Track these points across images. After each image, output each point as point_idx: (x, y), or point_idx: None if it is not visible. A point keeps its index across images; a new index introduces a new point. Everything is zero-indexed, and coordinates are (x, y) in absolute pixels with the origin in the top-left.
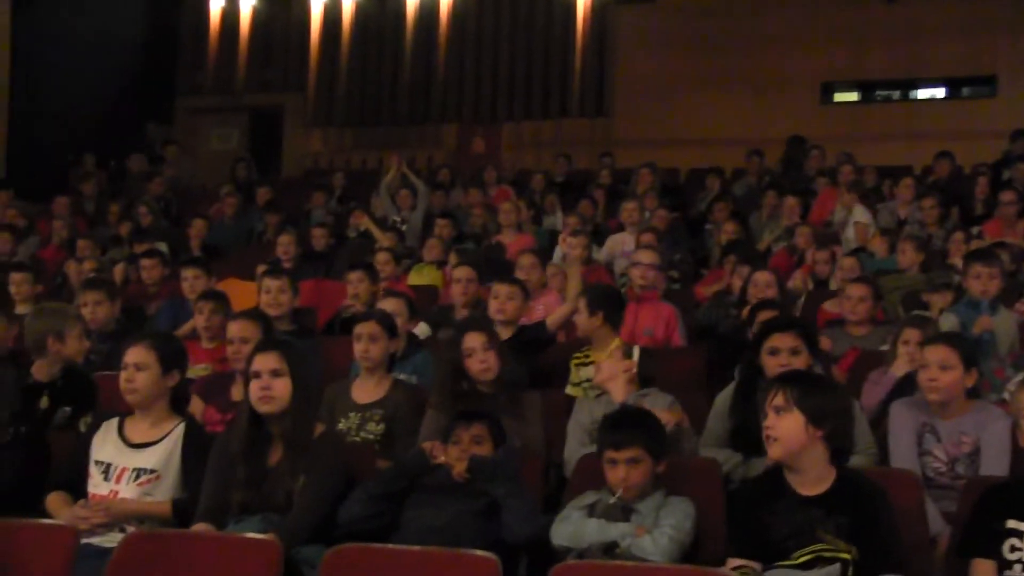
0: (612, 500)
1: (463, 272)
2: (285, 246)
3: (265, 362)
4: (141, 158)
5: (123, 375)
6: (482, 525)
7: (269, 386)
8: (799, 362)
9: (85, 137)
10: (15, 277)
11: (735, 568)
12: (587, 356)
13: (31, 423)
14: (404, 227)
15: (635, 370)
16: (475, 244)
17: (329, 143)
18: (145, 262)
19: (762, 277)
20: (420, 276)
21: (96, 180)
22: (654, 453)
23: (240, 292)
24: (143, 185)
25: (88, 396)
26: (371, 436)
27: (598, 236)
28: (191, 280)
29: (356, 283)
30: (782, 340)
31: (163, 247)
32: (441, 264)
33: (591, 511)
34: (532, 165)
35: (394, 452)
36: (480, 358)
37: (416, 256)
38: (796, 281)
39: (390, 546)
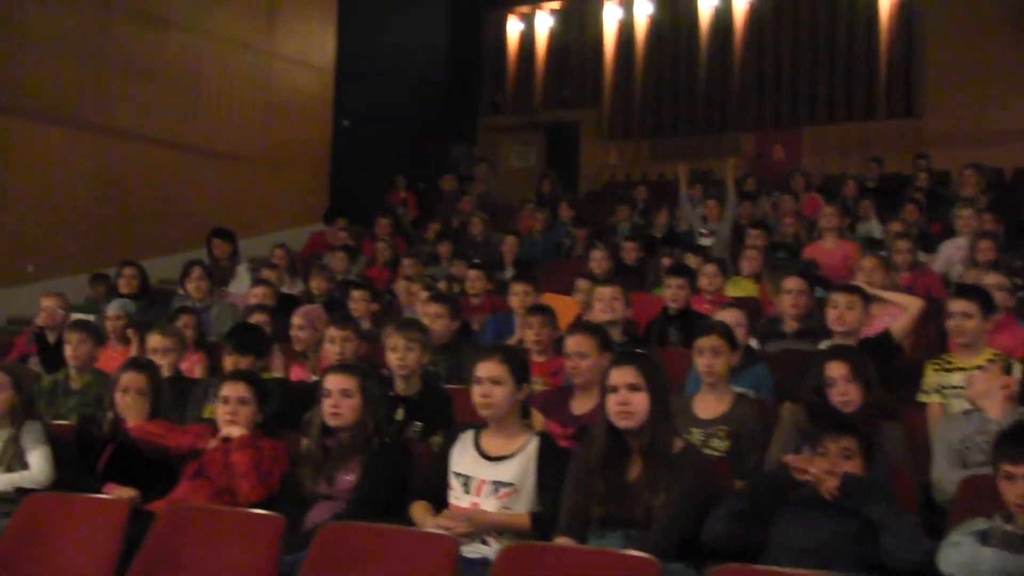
0: (1010, 527)
1: (794, 283)
2: (598, 260)
3: (622, 376)
4: (452, 178)
5: (478, 390)
6: (859, 548)
7: (627, 401)
8: None
9: (397, 160)
10: (355, 294)
11: None
12: (949, 363)
13: (394, 434)
14: (711, 239)
15: (1016, 388)
16: (787, 254)
17: (625, 156)
18: (472, 273)
19: None
20: (736, 288)
21: (410, 201)
22: None
23: (559, 306)
24: (454, 204)
25: (444, 411)
26: (716, 453)
27: (923, 241)
28: (521, 295)
29: (676, 289)
30: None
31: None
32: (758, 276)
33: (983, 539)
34: (836, 170)
35: (743, 469)
36: (841, 389)
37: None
38: None
39: (773, 568)
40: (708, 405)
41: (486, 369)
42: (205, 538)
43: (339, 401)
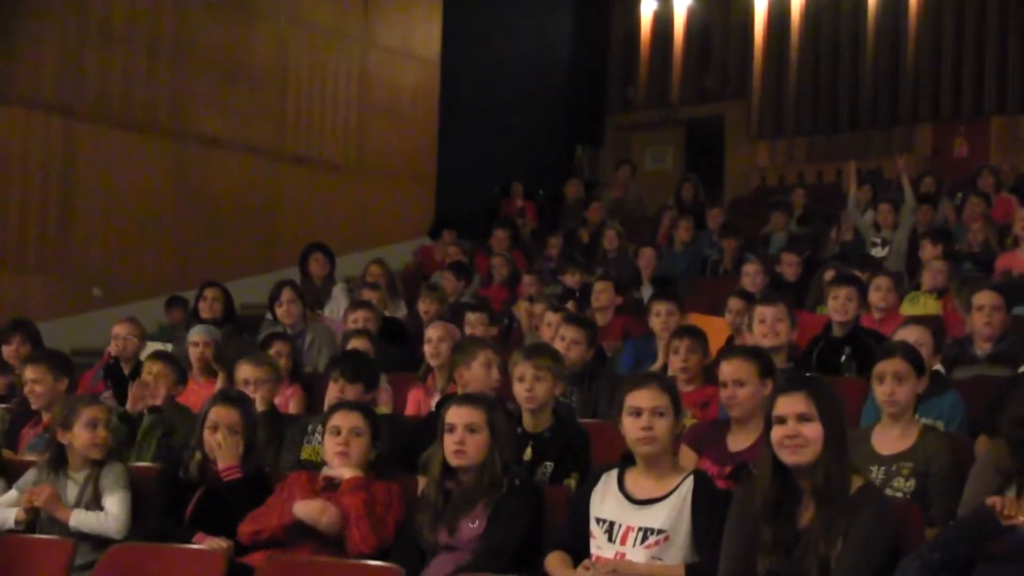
0: None
1: (988, 298)
2: (752, 275)
3: (791, 404)
4: (577, 183)
5: (638, 423)
6: None
7: (797, 433)
8: None
9: (512, 165)
10: (471, 318)
11: None
12: None
13: (523, 475)
14: (884, 249)
15: None
16: (975, 265)
17: (777, 156)
18: (599, 286)
19: None
20: (914, 307)
21: (528, 210)
22: None
23: (708, 328)
24: (580, 213)
25: (579, 450)
26: (899, 494)
27: None
28: (664, 315)
29: (845, 300)
30: None
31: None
32: (941, 292)
33: None
34: None
35: (930, 514)
36: None
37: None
38: None
39: None
40: (890, 439)
41: (647, 399)
42: None
43: (463, 437)
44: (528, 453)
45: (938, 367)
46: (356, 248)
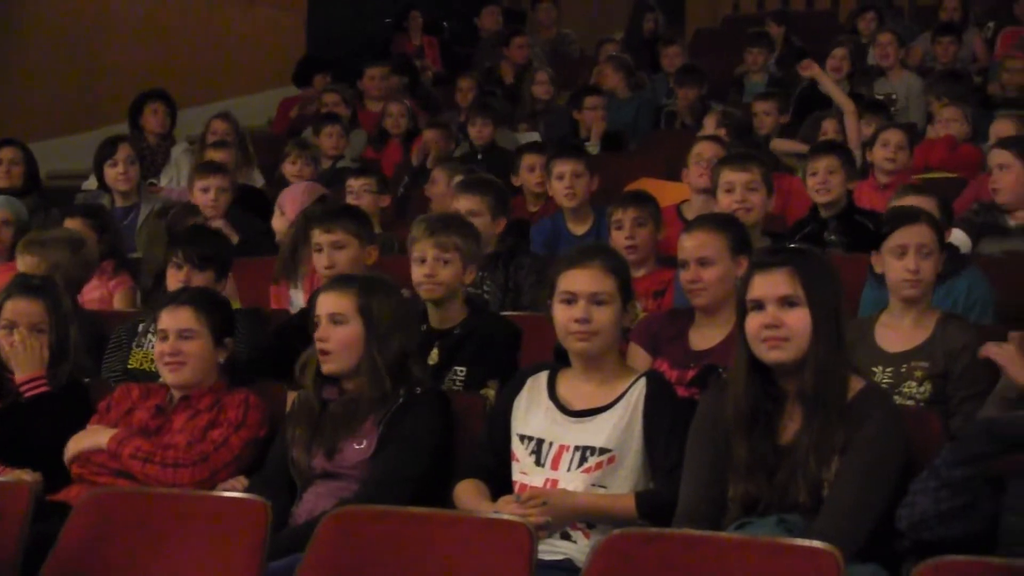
0: None
1: (1002, 157)
2: (712, 127)
3: (771, 285)
4: (496, 12)
5: (573, 312)
6: None
7: (779, 321)
8: None
9: None
10: (354, 184)
11: None
12: None
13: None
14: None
15: None
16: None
17: None
18: (530, 159)
19: None
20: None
21: (429, 49)
22: None
23: (661, 196)
24: (499, 52)
25: (501, 351)
26: (910, 402)
27: None
28: (569, 179)
29: (825, 175)
30: None
31: (536, 138)
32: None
33: None
34: None
35: (952, 424)
36: None
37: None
38: None
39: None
40: (899, 333)
41: (585, 281)
42: (150, 538)
43: (327, 332)
44: (434, 355)
45: (960, 238)
46: (200, 99)
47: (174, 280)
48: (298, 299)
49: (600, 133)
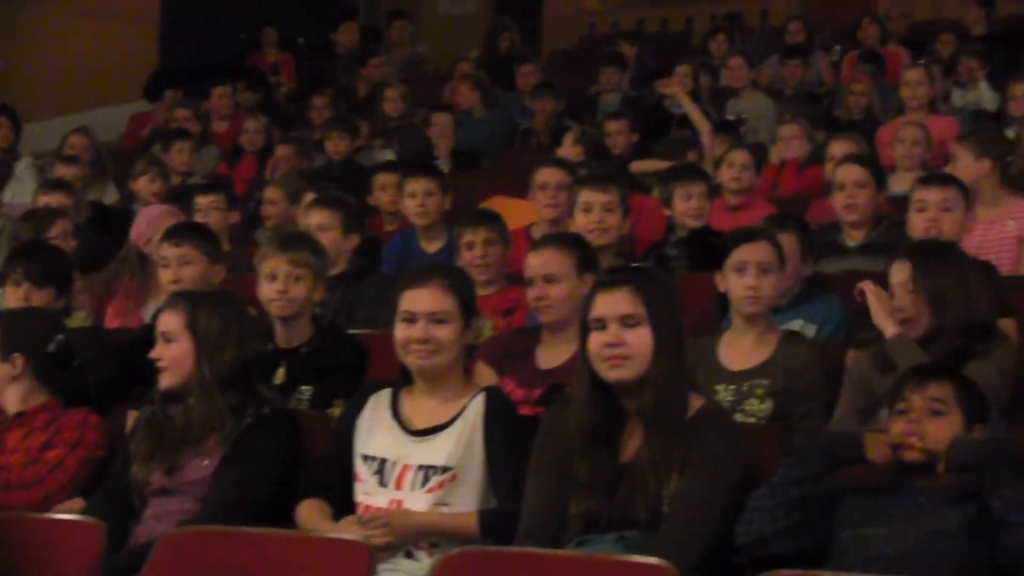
0: None
1: (852, 174)
2: (569, 147)
3: (613, 304)
4: (353, 28)
5: (412, 331)
6: (965, 551)
7: (620, 340)
8: None
9: (263, 5)
10: (202, 201)
11: None
12: None
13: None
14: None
15: None
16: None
17: None
18: (384, 178)
19: None
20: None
21: (284, 65)
22: None
23: (511, 213)
24: (356, 69)
25: (348, 370)
26: (751, 419)
27: None
28: (421, 198)
29: (700, 199)
30: None
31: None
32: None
33: None
34: (930, 12)
35: (792, 441)
36: (898, 303)
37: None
38: None
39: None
40: (741, 351)
41: (425, 300)
42: None
43: (161, 349)
44: (280, 374)
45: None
46: (48, 112)
47: (13, 298)
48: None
49: (447, 150)
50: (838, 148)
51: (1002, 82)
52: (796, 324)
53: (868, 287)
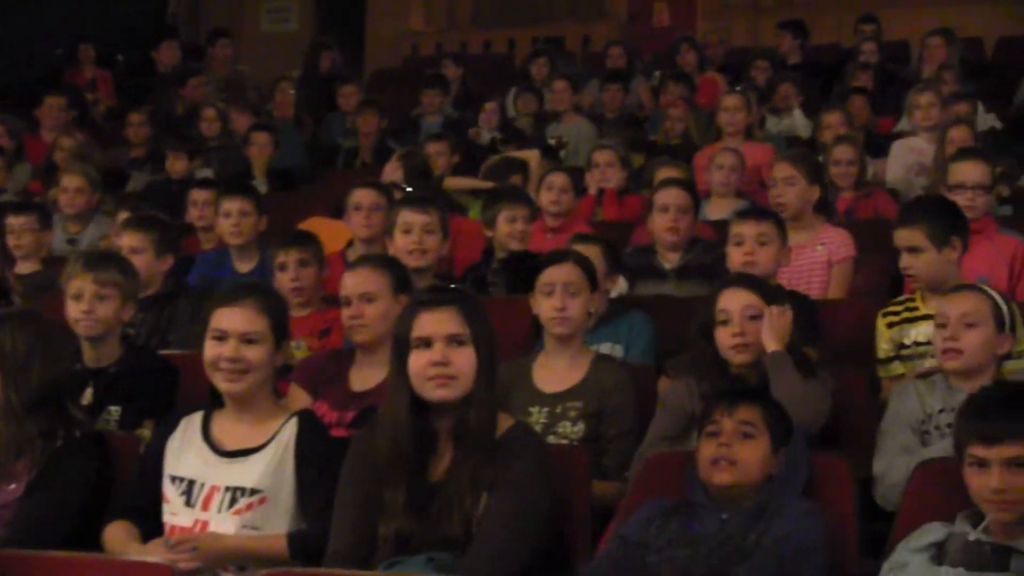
0: (975, 535)
1: (671, 197)
2: (393, 170)
3: (439, 324)
4: (174, 47)
5: (224, 350)
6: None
7: (447, 360)
8: None
9: (81, 20)
10: (14, 222)
11: None
12: (911, 309)
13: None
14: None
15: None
16: (673, 159)
17: (435, 19)
18: (198, 195)
19: None
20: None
21: (102, 82)
22: None
23: (328, 234)
24: (176, 88)
25: (159, 391)
26: (565, 440)
27: (869, 145)
28: (236, 216)
29: (523, 223)
30: None
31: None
32: (623, 192)
33: (939, 555)
34: (747, 40)
35: (605, 464)
36: (736, 329)
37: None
38: None
39: None
40: (555, 374)
41: (236, 320)
42: None
43: None
44: (88, 395)
45: (622, 284)
46: None
47: None
48: None
49: (263, 169)
50: (664, 173)
51: (815, 110)
52: (605, 347)
53: (775, 309)
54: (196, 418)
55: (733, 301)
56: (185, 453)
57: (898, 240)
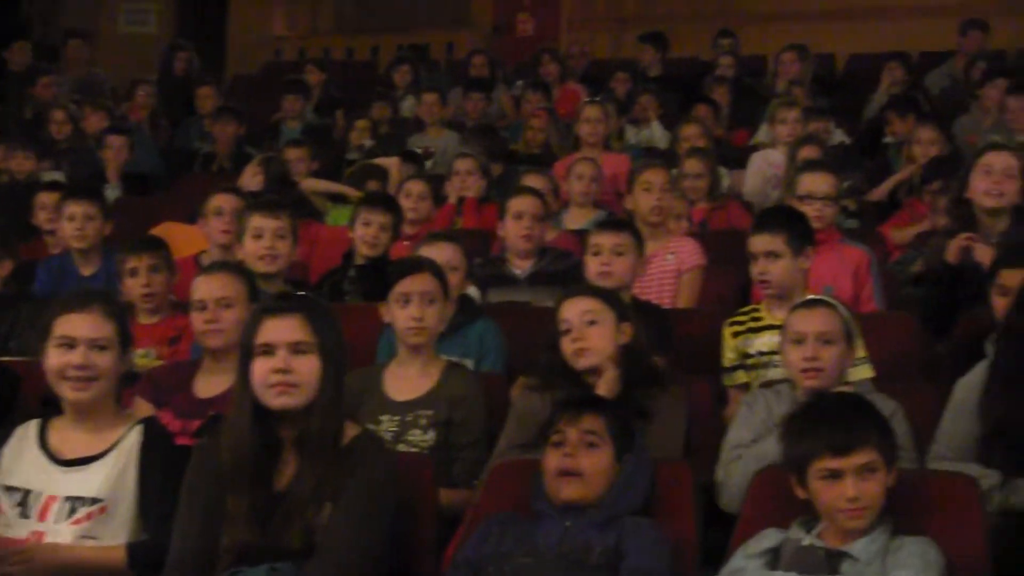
0: (810, 540)
1: (525, 204)
2: (251, 175)
3: (283, 331)
4: (26, 47)
5: (70, 357)
6: None
7: (290, 367)
8: None
9: None
10: None
11: None
12: (756, 319)
13: None
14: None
15: None
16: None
17: (298, 24)
18: (44, 198)
19: None
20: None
21: None
22: (888, 459)
23: (182, 240)
24: (26, 89)
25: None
26: (415, 449)
27: (725, 157)
28: (80, 220)
29: (378, 230)
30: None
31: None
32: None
33: (774, 560)
34: (609, 52)
35: (455, 472)
36: (576, 335)
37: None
38: None
39: None
40: (406, 382)
41: (84, 326)
42: None
43: None
44: None
45: (473, 291)
46: None
47: None
48: None
49: (118, 173)
50: (530, 181)
51: (673, 122)
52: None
53: None
54: (32, 427)
55: (570, 309)
56: (20, 462)
57: (755, 245)
